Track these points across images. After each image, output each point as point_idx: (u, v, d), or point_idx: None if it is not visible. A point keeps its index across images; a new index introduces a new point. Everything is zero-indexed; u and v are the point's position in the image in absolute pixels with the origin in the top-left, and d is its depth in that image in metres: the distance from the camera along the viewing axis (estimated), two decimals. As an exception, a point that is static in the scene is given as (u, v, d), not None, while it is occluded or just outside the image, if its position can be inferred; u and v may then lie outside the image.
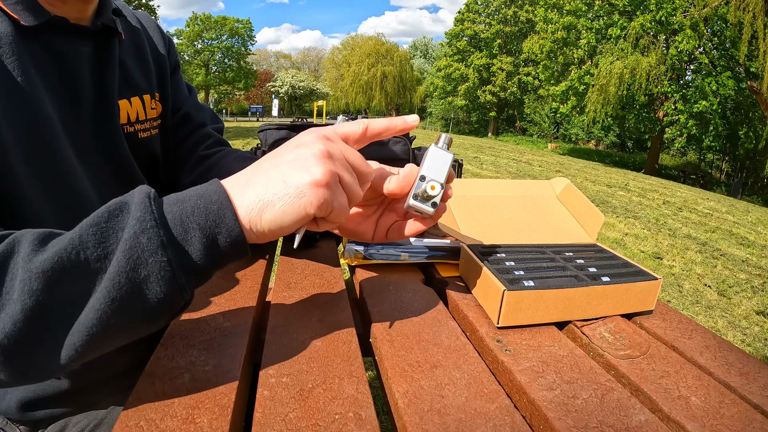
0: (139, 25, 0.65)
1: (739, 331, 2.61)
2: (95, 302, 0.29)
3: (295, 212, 0.33)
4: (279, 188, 0.33)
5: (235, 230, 0.33)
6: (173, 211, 0.32)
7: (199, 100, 0.79)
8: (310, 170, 0.33)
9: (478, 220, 0.65)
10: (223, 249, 0.33)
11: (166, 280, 0.31)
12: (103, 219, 0.31)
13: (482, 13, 31.04)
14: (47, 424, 0.55)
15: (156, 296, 0.31)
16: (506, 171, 8.99)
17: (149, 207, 0.31)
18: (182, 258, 0.31)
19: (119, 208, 0.32)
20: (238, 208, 0.33)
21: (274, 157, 0.36)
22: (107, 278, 0.29)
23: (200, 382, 0.37)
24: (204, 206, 0.32)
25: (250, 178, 0.35)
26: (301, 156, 0.34)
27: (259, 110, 38.99)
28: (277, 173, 0.34)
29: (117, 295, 0.29)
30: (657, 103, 17.92)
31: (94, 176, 0.54)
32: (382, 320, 0.48)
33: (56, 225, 0.49)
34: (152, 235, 0.30)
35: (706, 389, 0.40)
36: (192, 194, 0.33)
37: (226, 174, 0.66)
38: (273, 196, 0.33)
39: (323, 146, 0.35)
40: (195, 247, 0.32)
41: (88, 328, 0.30)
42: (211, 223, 0.32)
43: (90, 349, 0.31)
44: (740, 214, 7.41)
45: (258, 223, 0.33)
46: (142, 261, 0.30)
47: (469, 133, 33.81)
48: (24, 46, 0.46)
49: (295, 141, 0.37)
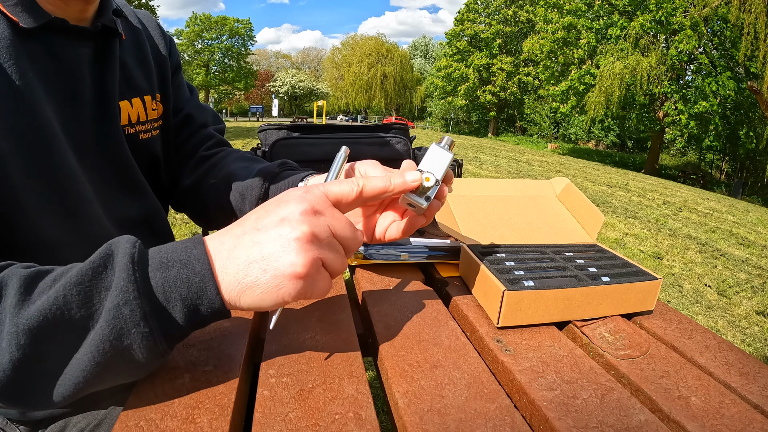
0: (140, 25, 0.65)
1: (739, 331, 2.61)
2: (80, 362, 0.31)
3: (273, 300, 0.34)
4: (258, 275, 0.33)
5: (216, 303, 0.33)
6: (156, 278, 0.32)
7: (198, 96, 0.79)
8: (291, 260, 0.33)
9: (478, 220, 0.65)
10: (204, 317, 0.34)
11: (148, 348, 0.32)
12: (87, 277, 0.31)
13: (482, 13, 31.06)
14: (47, 424, 0.55)
15: (138, 360, 0.32)
16: (506, 171, 8.99)
17: (132, 275, 0.31)
18: (164, 327, 0.32)
19: (103, 264, 0.32)
20: (221, 284, 0.33)
21: (258, 229, 0.34)
22: (92, 342, 0.30)
23: (200, 382, 0.37)
24: (186, 277, 0.32)
25: (231, 252, 0.34)
26: (284, 238, 0.33)
27: (259, 110, 39.00)
28: (257, 255, 0.33)
29: (102, 360, 0.31)
30: (657, 103, 17.92)
31: (95, 178, 0.54)
32: (382, 320, 0.48)
33: (56, 230, 0.49)
34: (135, 307, 0.31)
35: (706, 389, 0.40)
36: (176, 260, 0.33)
37: (226, 175, 0.67)
38: (252, 282, 0.33)
39: (308, 228, 0.34)
40: (176, 315, 0.33)
41: (75, 383, 0.31)
42: (192, 294, 0.33)
43: (77, 395, 0.32)
44: (740, 214, 7.41)
45: (237, 302, 0.34)
46: (125, 331, 0.31)
47: (469, 133, 33.81)
48: (23, 49, 0.45)
49: (280, 210, 0.35)
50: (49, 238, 0.48)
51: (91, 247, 0.35)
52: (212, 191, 0.67)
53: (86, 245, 0.42)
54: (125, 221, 0.58)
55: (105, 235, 0.54)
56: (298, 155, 0.90)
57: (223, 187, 0.65)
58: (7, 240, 0.45)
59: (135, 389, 0.36)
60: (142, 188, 0.63)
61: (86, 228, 0.52)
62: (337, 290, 0.55)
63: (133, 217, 0.60)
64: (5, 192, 0.43)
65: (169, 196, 0.74)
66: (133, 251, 0.32)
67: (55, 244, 0.48)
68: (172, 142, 0.70)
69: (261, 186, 0.61)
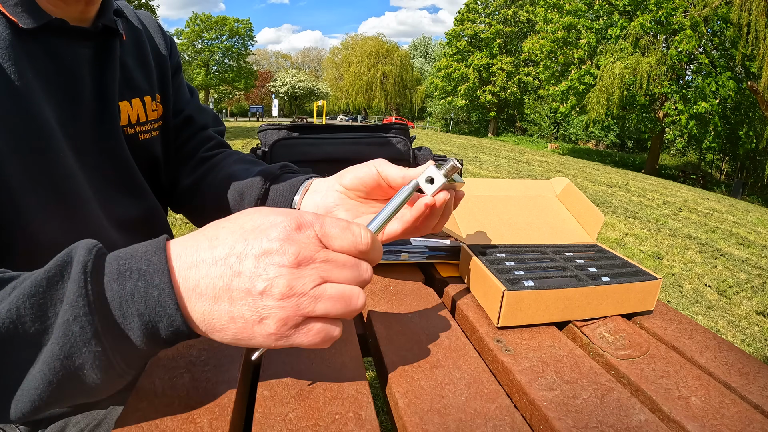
0: (141, 25, 0.65)
1: (739, 331, 2.61)
2: (34, 380, 0.28)
3: (248, 345, 0.31)
4: (226, 323, 0.30)
5: (176, 321, 0.29)
6: (112, 290, 0.29)
7: (199, 97, 0.79)
8: (261, 316, 0.29)
9: (478, 220, 0.65)
10: (165, 338, 0.30)
11: (101, 368, 0.28)
12: (40, 289, 0.28)
13: (482, 13, 31.07)
14: (47, 424, 0.55)
15: (93, 381, 0.29)
16: (506, 171, 8.99)
17: (83, 288, 0.28)
18: (120, 345, 0.29)
19: (59, 273, 0.29)
20: (188, 307, 0.30)
21: (229, 267, 0.29)
22: (44, 360, 0.28)
23: (200, 382, 0.37)
24: (144, 290, 0.29)
25: (197, 284, 0.30)
26: (257, 286, 0.29)
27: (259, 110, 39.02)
28: (227, 304, 0.29)
29: (53, 379, 0.28)
30: (657, 103, 17.92)
31: (94, 179, 0.54)
32: (382, 320, 0.48)
33: (55, 231, 0.48)
34: (84, 324, 0.27)
35: (706, 389, 0.40)
36: (134, 269, 0.29)
37: (225, 176, 0.67)
38: (221, 327, 0.30)
39: (288, 278, 0.29)
40: (134, 333, 0.29)
41: (31, 401, 0.29)
42: (150, 310, 0.29)
43: (37, 413, 0.30)
44: (740, 214, 7.41)
45: (207, 335, 0.31)
46: (75, 350, 0.28)
47: (469, 133, 33.81)
48: (22, 49, 0.45)
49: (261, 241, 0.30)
50: (49, 239, 0.48)
51: None
52: (211, 192, 0.67)
53: None
54: (125, 222, 0.58)
55: (104, 235, 0.54)
56: (298, 155, 0.90)
57: (222, 187, 0.65)
58: (6, 241, 0.45)
59: (135, 389, 0.36)
60: (142, 189, 0.63)
61: (85, 229, 0.52)
62: (337, 290, 0.55)
63: (132, 217, 0.60)
64: (4, 192, 0.43)
65: (168, 197, 0.74)
66: (87, 259, 0.29)
67: (54, 245, 0.48)
68: (171, 143, 0.70)
69: (261, 186, 0.60)
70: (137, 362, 0.31)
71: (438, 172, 0.40)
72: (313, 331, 0.30)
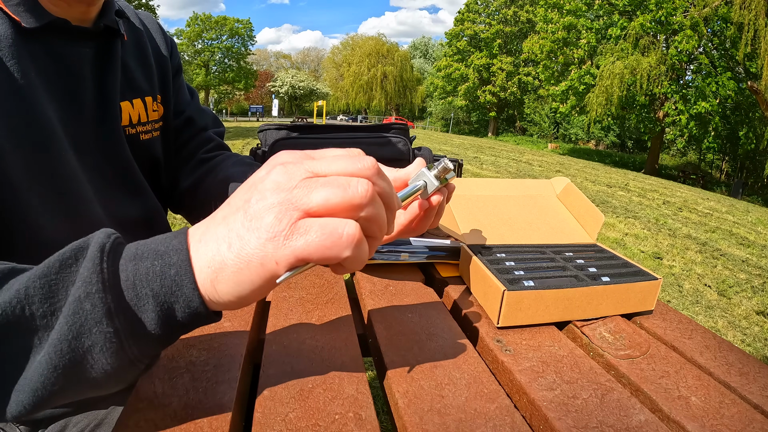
0: (142, 26, 0.65)
1: (739, 331, 2.61)
2: (39, 366, 0.27)
3: (249, 278, 0.27)
4: (225, 253, 0.27)
5: (194, 301, 0.28)
6: (127, 270, 0.27)
7: (199, 100, 0.79)
8: (254, 223, 0.27)
9: (478, 220, 0.65)
10: (182, 320, 0.28)
11: (112, 352, 0.27)
12: (53, 270, 0.27)
13: (482, 13, 31.07)
14: (47, 424, 0.55)
15: (102, 368, 0.27)
16: (506, 171, 8.99)
17: (99, 266, 0.27)
18: (133, 328, 0.27)
19: (74, 256, 0.28)
20: (197, 276, 0.28)
21: (228, 203, 0.30)
22: (51, 343, 0.26)
23: (200, 383, 0.37)
24: (160, 269, 0.27)
25: (203, 233, 0.29)
26: (249, 201, 0.28)
27: (259, 110, 39.02)
28: (224, 230, 0.28)
29: (60, 364, 0.26)
30: (657, 103, 17.93)
31: (95, 179, 0.54)
32: (383, 320, 0.48)
33: (55, 230, 0.48)
34: (97, 301, 0.26)
35: (706, 389, 0.40)
36: (151, 250, 0.28)
37: (223, 178, 0.67)
38: (221, 264, 0.27)
39: (275, 178, 0.28)
40: (148, 316, 0.27)
41: (33, 390, 0.27)
42: (166, 290, 0.27)
43: (39, 407, 0.28)
44: (740, 214, 7.41)
45: (215, 295, 0.28)
46: (85, 330, 0.26)
47: (469, 133, 33.81)
48: (24, 48, 0.45)
49: (252, 177, 0.30)
50: (50, 239, 0.48)
51: None
52: (209, 194, 0.68)
53: None
54: (125, 221, 0.58)
55: None
56: (298, 155, 0.90)
57: (220, 189, 0.65)
58: (8, 240, 0.45)
59: (135, 389, 0.36)
60: (143, 189, 0.63)
61: (87, 228, 0.52)
62: (337, 290, 0.55)
63: (133, 217, 0.60)
64: (6, 191, 0.43)
65: (168, 198, 0.74)
66: (106, 241, 0.28)
67: (56, 243, 0.48)
68: (172, 144, 0.70)
69: None
70: (150, 349, 0.29)
71: (430, 176, 0.40)
72: (315, 226, 0.27)
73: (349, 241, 0.27)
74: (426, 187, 0.40)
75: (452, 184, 0.45)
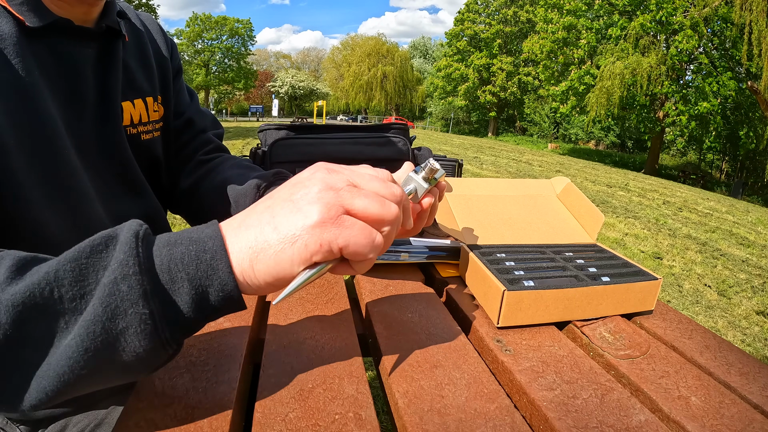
0: (143, 27, 0.65)
1: (739, 331, 2.61)
2: (68, 349, 0.27)
3: (290, 260, 0.30)
4: (268, 234, 0.30)
5: (228, 284, 0.29)
6: (161, 255, 0.29)
7: (199, 100, 0.79)
8: (303, 210, 0.30)
9: (478, 220, 0.65)
10: (215, 304, 0.30)
11: (146, 334, 0.28)
12: (84, 254, 0.28)
13: (482, 13, 31.07)
14: (47, 424, 0.55)
15: (134, 350, 0.28)
16: (506, 171, 8.99)
17: (134, 249, 0.28)
18: (167, 310, 0.28)
19: (104, 243, 0.29)
20: (233, 260, 0.30)
21: (270, 197, 0.33)
22: (82, 325, 0.27)
23: (200, 383, 0.37)
24: (195, 254, 0.29)
25: (242, 221, 0.31)
26: (296, 195, 0.31)
27: (259, 110, 39.03)
28: (268, 216, 0.31)
29: (91, 346, 0.27)
30: (657, 103, 17.92)
31: (96, 178, 0.54)
32: (382, 320, 0.48)
33: (57, 228, 0.49)
34: (134, 283, 0.27)
35: (706, 389, 0.40)
36: (185, 237, 0.30)
37: (221, 181, 0.67)
38: (263, 244, 0.30)
39: (321, 182, 0.32)
40: (182, 299, 0.29)
41: (59, 375, 0.27)
42: (201, 273, 0.29)
43: (61, 394, 0.28)
44: (740, 214, 7.41)
45: (252, 275, 0.30)
46: (120, 311, 0.27)
47: (469, 133, 33.81)
48: (28, 47, 0.46)
49: (295, 178, 0.34)
50: (53, 235, 0.48)
51: None
52: (207, 196, 0.68)
53: None
54: (126, 220, 0.58)
55: None
56: (298, 155, 0.90)
57: (217, 192, 0.66)
58: (12, 237, 0.45)
59: (135, 389, 0.36)
60: (143, 188, 0.63)
61: (88, 226, 0.52)
62: (337, 290, 0.55)
63: (133, 216, 0.60)
64: (10, 186, 0.44)
65: (168, 198, 0.74)
66: (139, 229, 0.29)
67: (58, 241, 0.48)
68: (172, 145, 0.71)
69: (255, 194, 0.62)
70: (182, 333, 0.30)
71: (418, 179, 0.40)
72: (357, 225, 0.31)
73: (377, 246, 0.32)
74: (416, 192, 0.40)
75: (443, 183, 0.45)
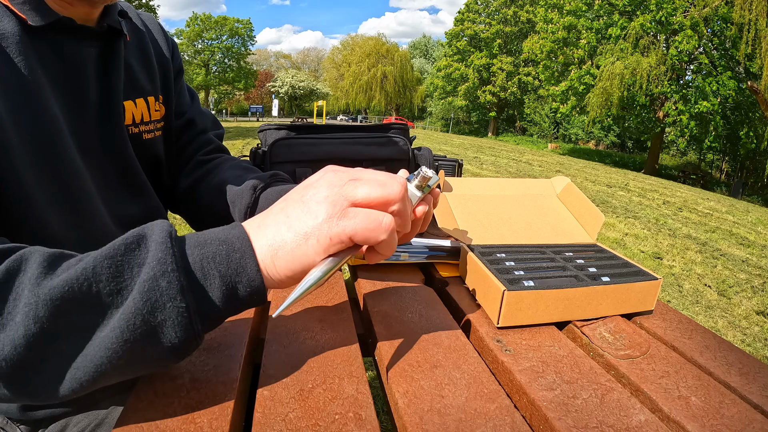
0: (144, 27, 0.65)
1: (739, 331, 2.60)
2: (106, 340, 0.29)
3: (305, 254, 0.33)
4: (285, 233, 0.33)
5: (256, 280, 0.33)
6: (194, 255, 0.31)
7: (199, 100, 0.79)
8: (312, 210, 0.33)
9: (478, 219, 0.65)
10: (242, 298, 0.33)
11: (182, 326, 0.30)
12: (119, 252, 0.30)
13: (482, 13, 31.07)
14: (48, 424, 0.55)
15: (170, 341, 0.30)
16: (506, 171, 8.99)
17: (170, 249, 0.30)
18: (200, 304, 0.31)
19: (136, 241, 0.31)
20: (258, 257, 0.33)
21: (284, 200, 0.36)
22: (121, 318, 0.29)
23: (200, 382, 0.37)
24: (226, 253, 0.32)
25: (261, 222, 0.35)
26: (306, 195, 0.34)
27: (259, 110, 39.03)
28: (283, 217, 0.34)
29: (131, 337, 0.29)
30: (657, 103, 17.92)
31: (98, 177, 0.54)
32: (382, 320, 0.48)
33: (58, 226, 0.49)
34: (172, 279, 0.29)
35: (706, 389, 0.40)
36: (214, 238, 0.33)
37: (219, 181, 0.67)
38: (281, 242, 0.33)
39: (328, 180, 0.35)
40: (214, 294, 0.32)
41: (96, 365, 0.29)
42: (232, 271, 0.32)
43: (94, 384, 0.30)
44: (740, 214, 7.41)
45: (273, 270, 0.33)
46: (159, 305, 0.29)
47: (469, 133, 33.80)
48: (31, 46, 0.46)
49: (306, 180, 0.37)
50: (56, 234, 0.48)
51: (95, 244, 0.34)
52: (205, 196, 0.68)
53: (91, 243, 0.42)
54: (127, 220, 0.58)
55: (108, 233, 0.54)
56: (298, 155, 0.90)
57: (215, 193, 0.66)
58: (15, 235, 0.45)
59: (135, 389, 0.36)
60: (144, 188, 0.63)
61: (90, 225, 0.52)
62: (337, 290, 0.55)
63: (134, 216, 0.60)
64: (12, 184, 0.44)
65: (169, 198, 0.74)
66: (171, 229, 0.32)
67: (61, 240, 0.49)
68: (173, 144, 0.71)
69: (251, 196, 0.62)
70: (210, 326, 0.33)
71: (411, 188, 0.39)
72: (362, 213, 0.33)
73: (386, 227, 0.33)
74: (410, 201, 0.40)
75: (437, 190, 0.45)
